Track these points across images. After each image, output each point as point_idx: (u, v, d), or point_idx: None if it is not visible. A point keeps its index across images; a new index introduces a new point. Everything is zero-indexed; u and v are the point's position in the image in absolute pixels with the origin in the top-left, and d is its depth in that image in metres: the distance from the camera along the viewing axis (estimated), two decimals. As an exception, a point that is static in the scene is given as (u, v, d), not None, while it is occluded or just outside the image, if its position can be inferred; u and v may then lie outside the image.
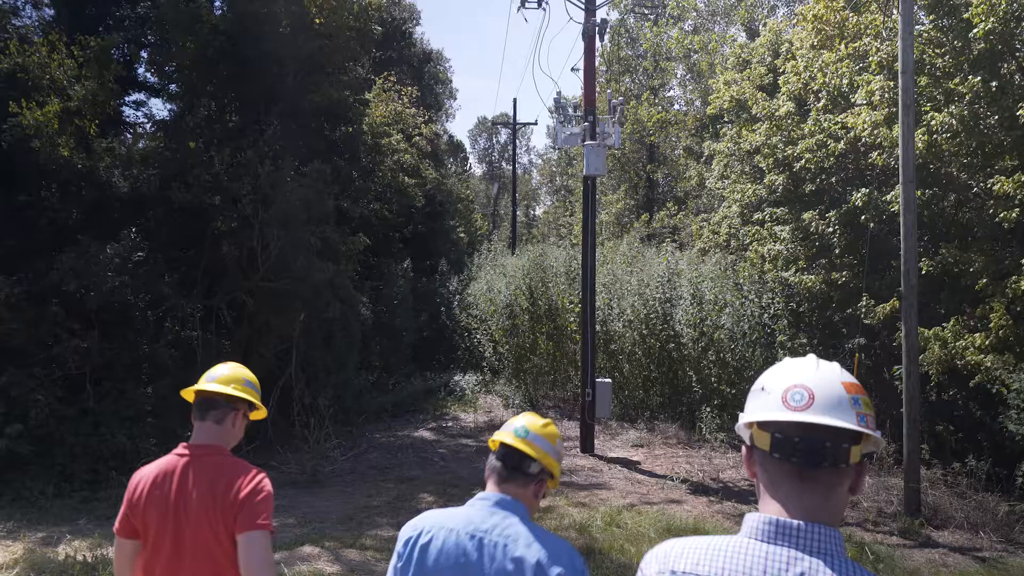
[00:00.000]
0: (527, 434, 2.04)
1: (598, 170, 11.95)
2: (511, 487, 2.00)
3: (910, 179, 8.71)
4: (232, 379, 2.45)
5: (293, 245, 11.34)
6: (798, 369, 1.32)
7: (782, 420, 1.25)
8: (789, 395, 1.27)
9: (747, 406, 1.37)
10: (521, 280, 17.46)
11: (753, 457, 1.34)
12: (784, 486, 1.26)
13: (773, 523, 1.23)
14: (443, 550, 1.87)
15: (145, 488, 2.31)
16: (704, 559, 1.26)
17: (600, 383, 12.38)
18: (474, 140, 69.35)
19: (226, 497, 2.23)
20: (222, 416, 2.41)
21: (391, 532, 7.47)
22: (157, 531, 2.26)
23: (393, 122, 23.74)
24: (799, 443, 1.24)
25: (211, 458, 2.33)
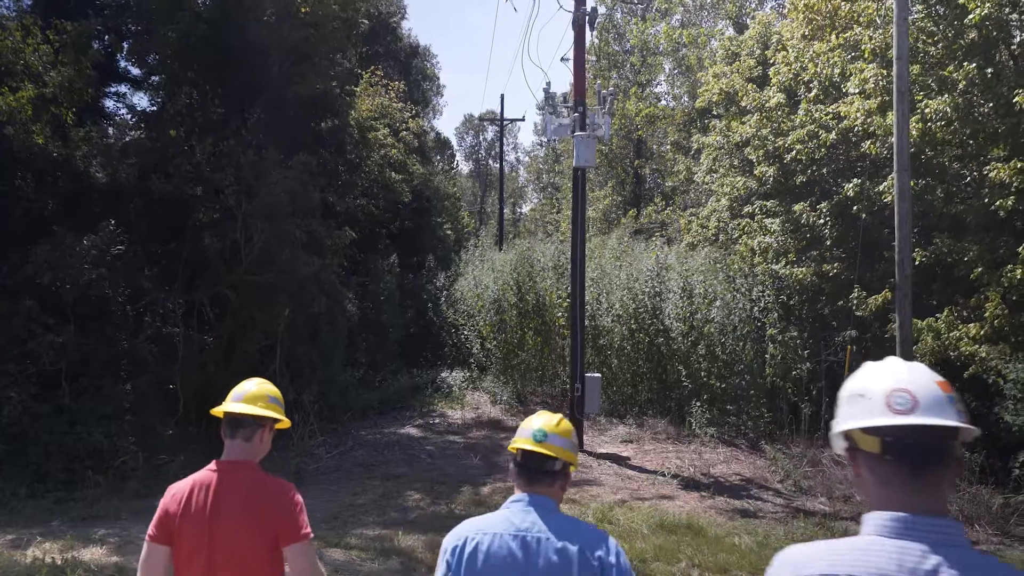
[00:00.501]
0: (544, 437, 2.16)
1: (588, 161, 11.78)
2: (539, 487, 2.14)
3: (904, 167, 8.61)
4: (258, 396, 2.57)
5: (278, 238, 11.08)
6: (891, 373, 1.38)
7: (891, 424, 1.31)
8: (892, 399, 1.32)
9: (844, 411, 1.42)
10: (509, 275, 17.26)
11: (857, 459, 1.39)
12: (899, 485, 1.31)
13: (900, 519, 1.29)
14: (490, 552, 2.01)
15: (181, 500, 2.44)
16: (838, 560, 1.29)
17: (590, 378, 12.22)
18: (461, 137, 69.01)
19: (261, 511, 2.37)
20: (250, 434, 2.53)
21: (377, 531, 7.27)
22: (192, 543, 2.38)
23: (380, 116, 23.47)
24: (911, 445, 1.30)
25: (243, 473, 2.46)
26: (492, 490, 9.33)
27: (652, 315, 14.04)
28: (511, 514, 2.09)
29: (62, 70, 9.61)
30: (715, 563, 6.28)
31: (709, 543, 6.86)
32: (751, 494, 9.46)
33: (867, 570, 1.26)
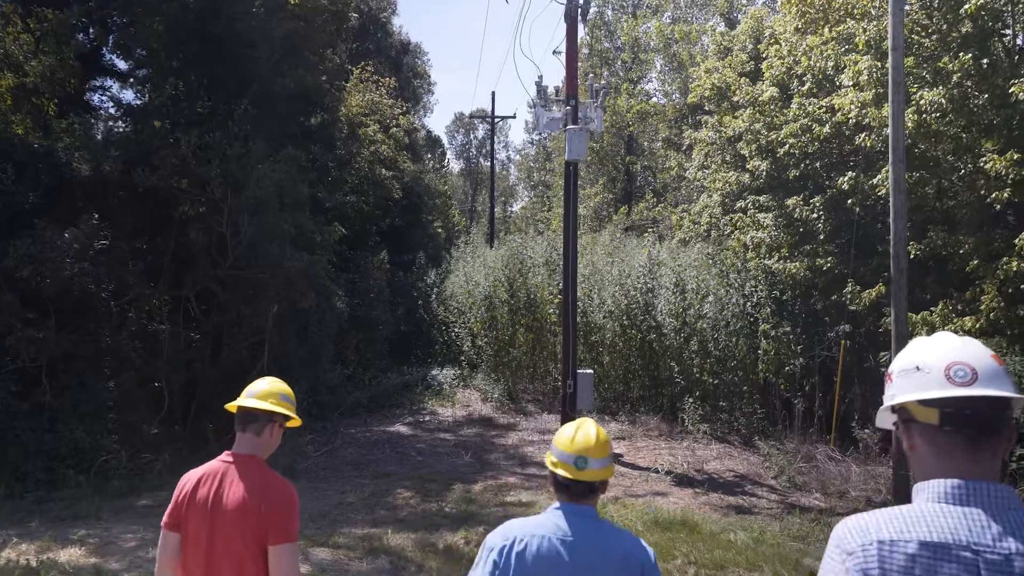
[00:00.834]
0: (585, 464, 2.21)
1: (580, 155, 11.65)
2: (582, 500, 2.24)
3: (900, 159, 8.52)
4: (270, 394, 2.65)
5: (265, 232, 10.90)
6: (948, 346, 1.42)
7: (952, 396, 1.34)
8: (953, 372, 1.36)
9: (899, 384, 1.44)
10: (500, 271, 17.12)
11: (911, 431, 1.42)
12: (957, 455, 1.35)
13: (962, 486, 1.32)
14: (538, 554, 2.11)
15: (189, 489, 2.56)
16: (905, 527, 1.32)
17: (582, 374, 12.09)
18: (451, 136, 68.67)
19: (257, 509, 2.44)
20: (260, 428, 2.62)
21: (366, 529, 7.12)
22: (195, 529, 2.49)
23: (370, 112, 23.28)
24: (970, 415, 1.34)
25: (247, 468, 2.55)
26: (484, 488, 9.19)
27: (644, 311, 13.94)
28: (556, 519, 2.19)
29: (43, 60, 9.39)
30: (711, 560, 6.16)
31: (704, 540, 6.75)
32: (745, 490, 9.37)
33: (939, 535, 1.29)
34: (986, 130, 8.84)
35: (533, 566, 2.10)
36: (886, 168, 10.08)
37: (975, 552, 1.26)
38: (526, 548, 2.13)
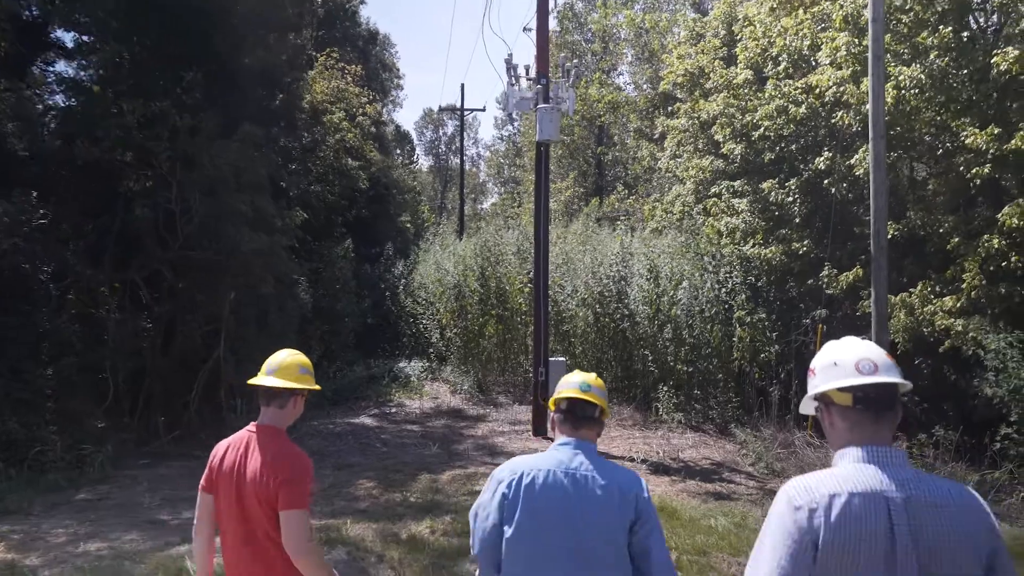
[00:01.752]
0: (588, 388, 2.43)
1: (551, 135, 11.25)
2: (582, 431, 2.41)
3: (880, 134, 8.29)
4: (290, 367, 2.77)
5: (220, 212, 10.29)
6: (853, 347, 1.82)
7: (861, 383, 1.73)
8: (860, 365, 1.75)
9: (820, 377, 1.82)
10: (471, 260, 16.67)
11: (831, 412, 1.80)
12: (866, 428, 1.74)
13: (871, 451, 1.72)
14: (544, 484, 2.28)
15: (219, 456, 2.75)
16: (838, 483, 1.68)
17: (554, 362, 11.71)
18: (420, 132, 68.03)
19: (272, 477, 2.57)
20: (284, 403, 2.75)
21: (324, 520, 6.62)
22: (225, 494, 2.67)
23: (336, 100, 22.66)
24: (874, 397, 1.74)
25: (267, 439, 2.68)
26: (451, 478, 8.75)
27: (617, 299, 13.61)
28: (560, 454, 2.36)
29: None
30: (693, 545, 5.81)
31: (684, 526, 6.41)
32: (723, 477, 9.07)
33: (862, 487, 1.66)
34: (965, 108, 8.66)
35: (540, 496, 2.28)
36: (864, 147, 9.89)
37: (886, 498, 1.65)
38: (533, 480, 2.29)
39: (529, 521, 2.27)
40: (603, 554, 2.24)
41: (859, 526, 1.62)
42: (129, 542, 5.89)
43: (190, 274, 10.61)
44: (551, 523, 2.26)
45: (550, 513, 2.26)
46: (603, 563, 2.24)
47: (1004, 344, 6.99)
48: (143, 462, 9.38)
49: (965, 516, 1.64)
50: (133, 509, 7.12)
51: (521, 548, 2.27)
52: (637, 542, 2.27)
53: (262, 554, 2.62)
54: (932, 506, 1.64)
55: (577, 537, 2.24)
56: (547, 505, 2.27)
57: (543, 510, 2.27)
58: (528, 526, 2.26)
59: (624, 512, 2.26)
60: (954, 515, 1.63)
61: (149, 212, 9.17)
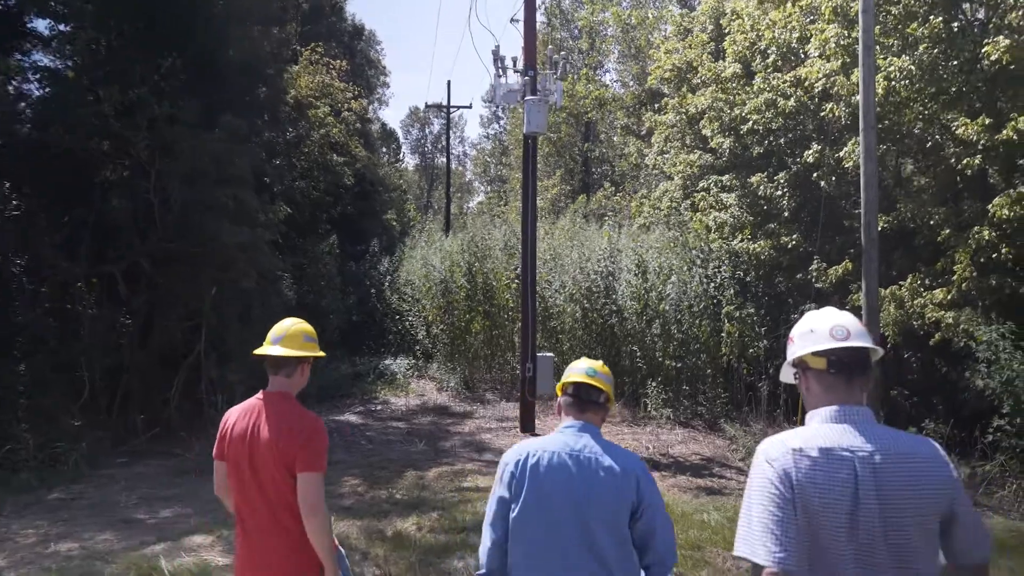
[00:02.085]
0: (595, 373, 2.51)
1: (539, 127, 11.11)
2: (587, 415, 2.49)
3: (871, 125, 8.22)
4: (295, 335, 2.82)
5: (201, 205, 10.04)
6: (828, 315, 1.98)
7: (835, 347, 1.88)
8: (834, 331, 1.90)
9: (798, 344, 1.98)
10: (458, 255, 16.49)
11: (808, 376, 1.95)
12: (839, 389, 1.89)
13: (840, 410, 1.87)
14: (549, 465, 2.36)
15: (231, 423, 2.78)
16: (808, 439, 1.84)
17: (542, 357, 11.56)
18: (407, 131, 67.71)
19: (287, 439, 2.62)
20: (291, 371, 2.82)
21: (307, 516, 6.43)
22: (237, 459, 2.70)
23: (321, 95, 22.39)
24: (847, 361, 1.88)
25: (279, 404, 2.75)
26: (438, 474, 8.57)
27: (605, 295, 13.50)
28: (565, 437, 2.44)
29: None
30: (687, 540, 5.69)
31: (677, 521, 6.28)
32: (713, 473, 8.97)
33: (829, 443, 1.80)
34: (955, 100, 8.61)
35: (545, 475, 2.36)
36: (853, 140, 9.84)
37: (851, 452, 1.77)
38: (539, 461, 2.38)
39: (534, 499, 2.36)
40: (605, 533, 2.31)
41: (826, 477, 1.77)
42: (102, 542, 5.67)
43: (170, 267, 10.35)
44: (555, 502, 2.35)
45: (554, 492, 2.35)
46: (605, 541, 2.31)
47: (996, 336, 6.93)
48: (120, 460, 9.12)
49: (927, 467, 1.77)
50: (108, 508, 6.89)
51: (526, 525, 2.36)
52: (643, 523, 2.34)
53: (276, 516, 2.66)
54: (896, 458, 1.77)
55: (580, 516, 2.32)
56: (552, 484, 2.36)
57: (548, 489, 2.36)
58: (533, 504, 2.36)
59: (626, 493, 2.33)
60: (917, 466, 1.77)
61: (127, 203, 8.92)
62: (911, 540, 1.73)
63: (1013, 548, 5.47)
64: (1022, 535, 5.76)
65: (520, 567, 2.37)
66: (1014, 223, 7.53)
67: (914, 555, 1.73)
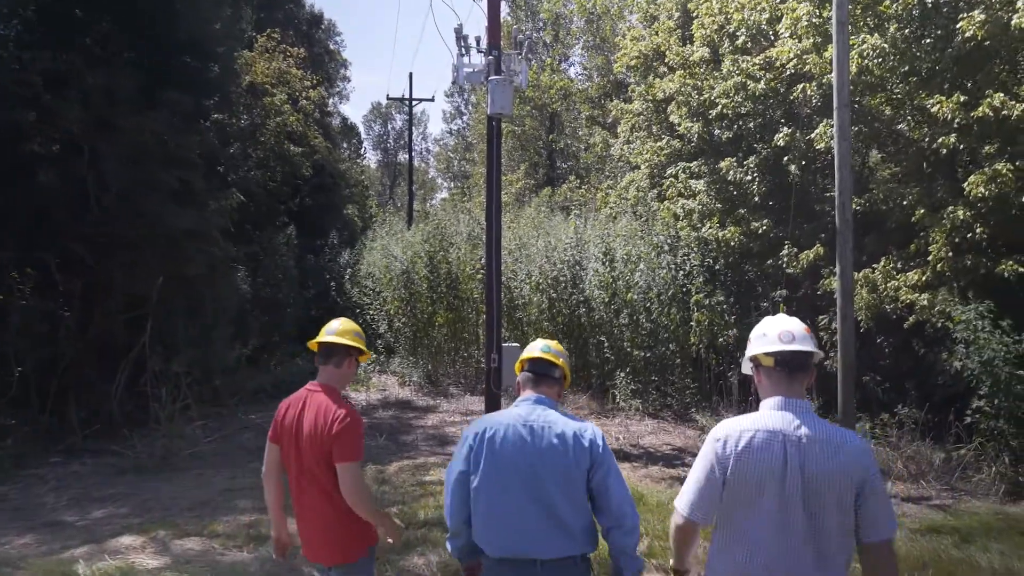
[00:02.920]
0: (549, 349, 2.72)
1: (504, 108, 10.65)
2: (542, 388, 2.67)
3: (845, 103, 7.98)
4: (346, 331, 3.04)
5: (143, 186, 9.40)
6: (779, 322, 2.30)
7: (782, 350, 2.22)
8: (781, 336, 2.24)
9: (754, 344, 2.33)
10: (420, 246, 15.99)
11: (759, 371, 2.31)
12: (783, 384, 2.23)
13: (782, 401, 2.21)
14: (505, 436, 2.54)
15: (282, 412, 3.03)
16: (753, 423, 2.20)
17: (508, 347, 11.11)
18: (369, 126, 66.74)
19: (323, 431, 2.84)
20: (340, 361, 3.02)
21: (253, 516, 5.92)
22: (287, 450, 2.97)
23: (278, 82, 21.65)
24: (790, 360, 2.23)
25: (323, 395, 2.94)
26: (399, 468, 8.13)
27: (572, 284, 13.16)
28: (520, 409, 2.60)
29: None
30: (664, 529, 5.34)
31: (652, 511, 5.95)
32: (685, 463, 8.68)
33: (770, 426, 2.17)
34: (928, 79, 8.45)
35: (500, 447, 2.49)
36: (825, 122, 9.66)
37: (785, 434, 2.15)
38: (495, 435, 2.51)
39: (492, 469, 2.49)
40: (561, 496, 2.46)
41: (760, 454, 2.10)
42: (19, 547, 5.08)
43: (109, 253, 9.67)
44: (511, 470, 2.48)
45: (510, 461, 2.48)
46: (562, 505, 2.45)
47: (975, 315, 6.76)
48: (54, 460, 8.45)
49: (846, 453, 2.07)
50: (33, 511, 6.28)
51: (486, 494, 2.50)
52: (596, 484, 2.48)
53: (319, 501, 2.88)
54: (821, 442, 2.09)
55: (536, 482, 2.46)
56: (508, 454, 2.49)
57: (504, 459, 2.49)
58: (491, 474, 2.49)
59: (580, 458, 2.47)
60: (837, 451, 2.06)
61: (57, 180, 8.23)
62: (826, 510, 2.06)
63: (1001, 531, 5.26)
64: (1009, 518, 5.56)
65: (480, 534, 2.51)
66: (989, 201, 7.38)
67: (827, 525, 2.07)
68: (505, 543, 2.45)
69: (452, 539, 2.62)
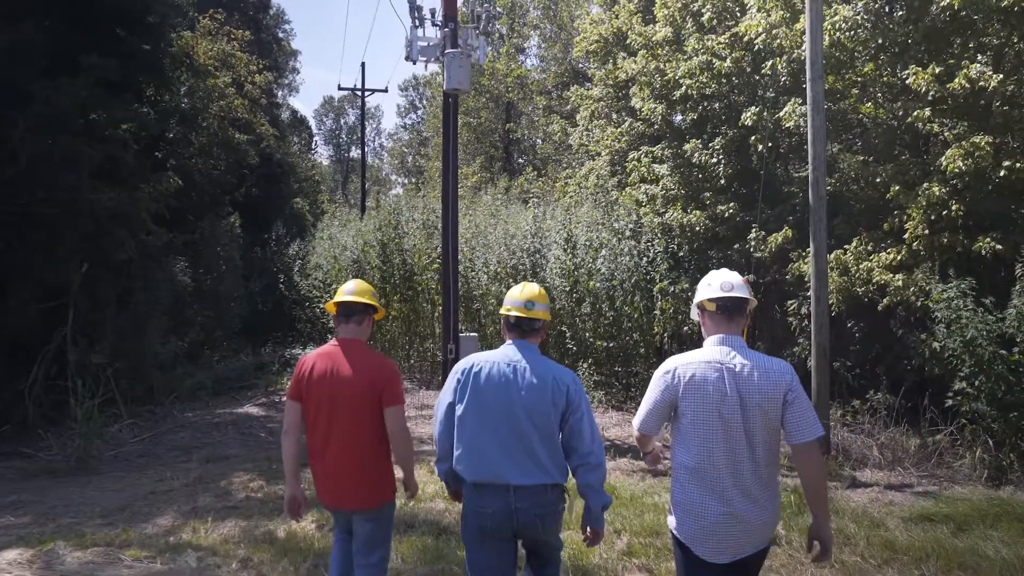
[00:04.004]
0: (533, 306, 2.95)
1: (461, 84, 10.06)
2: (528, 337, 2.96)
3: (818, 75, 7.63)
4: (363, 291, 3.32)
5: (59, 159, 8.50)
6: (721, 274, 2.76)
7: (724, 296, 2.68)
8: (722, 285, 2.70)
9: (700, 293, 2.78)
10: (372, 235, 15.25)
11: (704, 315, 2.76)
12: (723, 325, 2.69)
13: (722, 337, 2.66)
14: (490, 374, 2.82)
15: (309, 367, 3.22)
16: (696, 356, 2.66)
17: (465, 337, 10.55)
18: (320, 121, 65.28)
19: (371, 373, 3.13)
20: (362, 319, 3.29)
21: (177, 521, 5.20)
22: (318, 398, 3.14)
23: (222, 65, 20.56)
24: (731, 305, 2.68)
25: (357, 348, 3.23)
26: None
27: (532, 273, 12.64)
28: (507, 350, 2.91)
29: None
30: (643, 526, 4.84)
31: (627, 505, 5.44)
32: (654, 454, 8.21)
33: (711, 357, 2.62)
34: (900, 53, 8.17)
35: (486, 382, 2.82)
36: (793, 100, 9.34)
37: (721, 363, 2.59)
38: (482, 370, 2.84)
39: (476, 402, 2.77)
40: (535, 431, 2.73)
41: (703, 380, 2.60)
42: None
43: (23, 234, 8.73)
44: (493, 404, 2.76)
45: (493, 395, 2.76)
46: (535, 437, 2.72)
47: (956, 293, 6.45)
48: (-46, 464, 7.51)
49: (771, 371, 2.58)
50: (-84, 521, 5.41)
51: (468, 424, 2.77)
52: (570, 425, 2.76)
53: (359, 443, 3.10)
54: (751, 367, 2.59)
55: (514, 417, 2.73)
56: (492, 390, 2.77)
57: (488, 392, 2.77)
58: (474, 406, 2.77)
59: (556, 398, 2.75)
60: (764, 371, 2.58)
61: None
62: (758, 423, 2.54)
63: (997, 517, 4.91)
64: (1003, 503, 5.22)
65: (462, 458, 2.77)
66: (966, 177, 7.11)
67: (759, 436, 2.55)
68: (481, 469, 2.73)
69: (440, 463, 2.92)
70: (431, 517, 5.37)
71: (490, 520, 2.69)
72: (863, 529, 4.78)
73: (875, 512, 5.34)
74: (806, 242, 8.97)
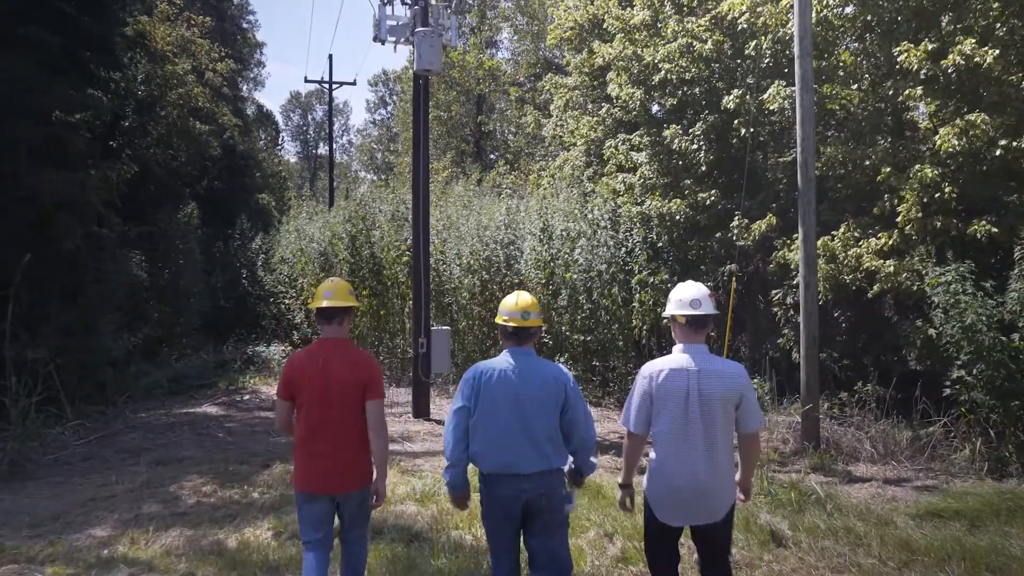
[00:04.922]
0: (528, 316, 3.30)
1: (432, 64, 9.59)
2: (525, 343, 3.32)
3: (806, 52, 7.32)
4: (341, 290, 3.55)
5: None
6: (691, 289, 3.26)
7: (691, 313, 3.18)
8: (692, 303, 3.19)
9: (672, 306, 3.28)
10: (340, 227, 14.65)
11: (675, 325, 3.26)
12: (691, 334, 3.18)
13: (688, 347, 3.16)
14: (498, 378, 3.22)
15: (299, 364, 3.46)
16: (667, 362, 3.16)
17: (437, 331, 10.09)
18: (287, 116, 64.06)
19: (362, 368, 3.43)
20: (343, 319, 3.54)
21: (114, 531, 4.64)
22: (310, 390, 3.36)
23: (181, 51, 19.73)
24: (697, 321, 3.18)
25: (343, 346, 3.50)
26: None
27: (507, 265, 12.18)
28: (508, 357, 3.28)
29: None
30: (634, 528, 4.42)
31: (611, 505, 5.03)
32: (637, 450, 7.82)
33: (677, 364, 3.11)
34: (888, 31, 7.89)
35: (495, 386, 3.21)
36: (776, 83, 9.04)
37: (687, 369, 3.08)
38: (491, 376, 3.23)
39: (488, 405, 3.23)
40: (539, 426, 3.18)
41: (671, 384, 3.08)
42: None
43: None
44: (502, 404, 3.21)
45: (502, 398, 3.21)
46: (540, 432, 3.18)
47: (954, 276, 6.16)
48: None
49: (731, 379, 3.09)
50: None
51: (482, 423, 3.22)
52: (568, 419, 3.23)
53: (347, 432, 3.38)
54: (711, 372, 3.08)
55: (520, 413, 3.19)
56: (500, 393, 3.22)
57: (497, 395, 3.22)
58: (487, 408, 3.23)
59: (557, 396, 3.21)
60: (724, 378, 3.08)
61: None
62: (717, 420, 3.08)
63: (1012, 512, 4.59)
64: (1015, 497, 4.91)
65: (479, 455, 3.20)
66: (960, 157, 6.84)
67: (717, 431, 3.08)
68: (495, 460, 3.15)
69: (449, 469, 3.22)
70: (401, 522, 4.90)
71: (507, 504, 3.16)
72: (872, 528, 4.43)
73: (879, 509, 5.00)
74: (790, 230, 8.67)
